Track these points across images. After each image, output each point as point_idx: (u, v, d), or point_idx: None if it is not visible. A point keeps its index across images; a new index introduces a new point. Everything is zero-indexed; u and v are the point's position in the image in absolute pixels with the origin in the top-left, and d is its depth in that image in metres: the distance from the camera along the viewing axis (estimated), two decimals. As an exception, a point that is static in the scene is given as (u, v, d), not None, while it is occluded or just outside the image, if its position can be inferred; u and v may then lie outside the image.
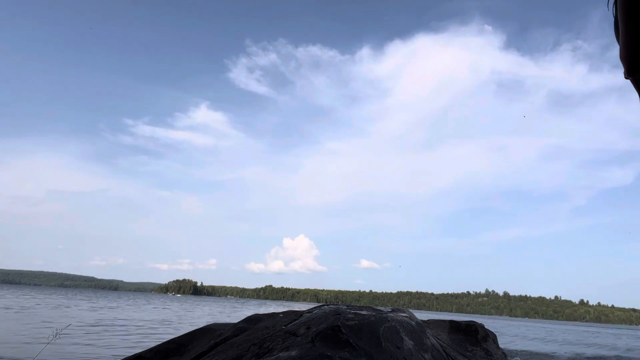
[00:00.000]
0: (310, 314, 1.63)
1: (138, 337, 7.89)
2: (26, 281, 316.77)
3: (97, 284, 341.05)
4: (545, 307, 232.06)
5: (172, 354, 1.88)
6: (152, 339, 7.18)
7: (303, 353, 1.20)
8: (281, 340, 1.41)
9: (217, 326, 2.05)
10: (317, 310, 1.67)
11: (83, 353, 5.83)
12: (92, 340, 6.96)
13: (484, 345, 2.11)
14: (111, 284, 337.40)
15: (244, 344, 1.54)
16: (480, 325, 2.21)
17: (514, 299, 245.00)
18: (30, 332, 8.23)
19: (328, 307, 1.67)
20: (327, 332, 1.33)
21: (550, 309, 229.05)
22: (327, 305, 1.73)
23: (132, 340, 7.31)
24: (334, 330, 1.32)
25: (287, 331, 1.47)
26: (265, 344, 1.42)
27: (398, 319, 1.59)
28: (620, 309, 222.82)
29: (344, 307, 1.64)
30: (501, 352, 2.17)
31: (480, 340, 2.13)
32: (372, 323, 1.44)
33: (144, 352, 1.91)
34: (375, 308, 1.66)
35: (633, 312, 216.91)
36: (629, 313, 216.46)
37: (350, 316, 1.47)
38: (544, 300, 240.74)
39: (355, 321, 1.41)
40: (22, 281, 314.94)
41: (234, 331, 1.81)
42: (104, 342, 6.89)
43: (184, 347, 1.92)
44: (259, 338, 1.52)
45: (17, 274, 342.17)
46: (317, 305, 1.78)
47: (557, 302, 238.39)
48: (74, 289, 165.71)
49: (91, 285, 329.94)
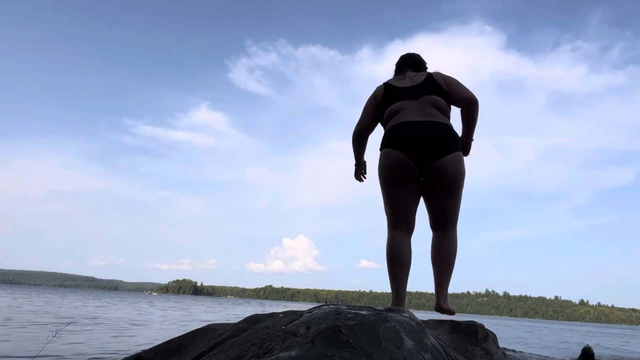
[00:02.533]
0: (310, 314, 1.62)
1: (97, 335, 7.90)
2: (26, 281, 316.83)
3: (97, 284, 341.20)
4: (545, 307, 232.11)
5: (172, 354, 1.88)
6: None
7: (303, 353, 1.20)
8: (281, 340, 1.40)
9: (217, 326, 2.04)
10: (317, 310, 1.66)
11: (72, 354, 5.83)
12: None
13: (484, 345, 2.10)
14: (111, 284, 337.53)
15: (244, 344, 1.53)
16: (480, 325, 2.20)
17: (514, 299, 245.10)
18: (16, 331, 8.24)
19: (328, 307, 1.67)
20: (327, 332, 1.32)
21: (550, 309, 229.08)
22: (327, 305, 1.73)
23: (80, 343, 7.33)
24: (334, 330, 1.32)
25: (287, 331, 1.47)
26: (265, 344, 1.42)
27: (398, 319, 1.59)
28: (620, 309, 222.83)
29: (344, 307, 1.64)
30: (501, 352, 2.17)
31: (480, 340, 2.12)
32: (372, 323, 1.44)
33: (144, 352, 1.91)
34: (375, 308, 1.66)
35: (633, 312, 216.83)
36: (629, 313, 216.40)
37: (350, 316, 1.47)
38: (544, 300, 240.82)
39: (355, 321, 1.41)
40: (22, 281, 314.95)
41: (234, 331, 1.81)
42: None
43: (184, 347, 1.92)
44: (259, 338, 1.51)
45: (17, 274, 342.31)
46: (317, 305, 1.78)
47: (557, 302, 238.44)
48: (74, 289, 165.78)
49: (91, 285, 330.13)
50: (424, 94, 2.43)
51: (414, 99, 2.43)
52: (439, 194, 2.34)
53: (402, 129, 2.34)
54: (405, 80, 2.57)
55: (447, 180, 2.29)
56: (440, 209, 2.38)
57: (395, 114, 2.44)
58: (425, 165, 2.28)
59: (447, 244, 2.38)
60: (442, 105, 2.42)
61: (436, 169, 2.27)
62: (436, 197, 2.36)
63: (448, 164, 2.27)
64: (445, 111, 2.42)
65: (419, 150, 2.27)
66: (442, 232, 2.40)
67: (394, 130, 2.37)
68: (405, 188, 2.34)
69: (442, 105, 2.42)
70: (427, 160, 2.27)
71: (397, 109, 2.44)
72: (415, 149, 2.28)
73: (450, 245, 2.39)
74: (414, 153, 2.28)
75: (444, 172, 2.27)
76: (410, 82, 2.53)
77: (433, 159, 2.27)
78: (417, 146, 2.28)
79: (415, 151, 2.28)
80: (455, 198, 2.36)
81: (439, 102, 2.41)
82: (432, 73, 2.57)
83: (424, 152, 2.27)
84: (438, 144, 2.28)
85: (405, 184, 2.33)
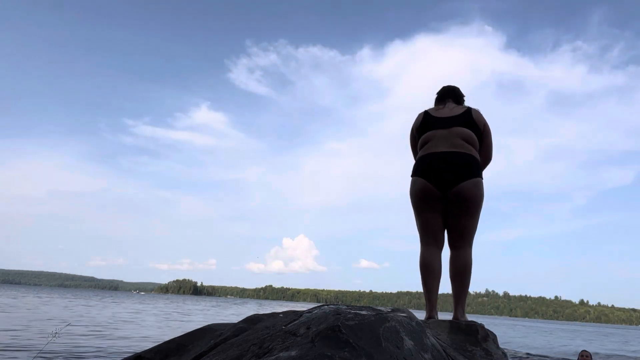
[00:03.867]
0: (310, 314, 1.62)
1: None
2: (26, 281, 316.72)
3: (97, 284, 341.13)
4: (545, 307, 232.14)
5: (172, 354, 1.87)
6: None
7: (303, 353, 1.20)
8: (281, 340, 1.40)
9: (217, 326, 2.04)
10: (317, 310, 1.66)
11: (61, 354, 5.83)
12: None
13: (484, 345, 2.10)
14: (111, 284, 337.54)
15: (244, 344, 1.53)
16: (480, 325, 2.21)
17: (514, 299, 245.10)
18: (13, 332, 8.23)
19: (328, 307, 1.67)
20: (327, 332, 1.32)
21: (550, 309, 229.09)
22: (327, 305, 1.73)
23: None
24: (334, 330, 1.32)
25: (287, 331, 1.46)
26: (265, 344, 1.42)
27: (398, 319, 1.58)
28: (620, 309, 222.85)
29: (344, 307, 1.64)
30: (501, 352, 2.17)
31: (480, 340, 2.12)
32: (372, 323, 1.44)
33: (143, 352, 1.90)
34: (375, 308, 1.66)
35: (633, 312, 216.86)
36: (629, 313, 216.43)
37: (350, 316, 1.47)
38: (544, 300, 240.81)
39: (355, 321, 1.41)
40: (22, 281, 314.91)
41: (234, 331, 1.80)
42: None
43: (184, 347, 1.92)
44: (259, 338, 1.51)
45: (17, 274, 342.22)
46: (317, 305, 1.78)
47: (557, 302, 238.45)
48: (74, 289, 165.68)
49: (91, 285, 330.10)
50: (455, 125, 2.68)
51: (445, 129, 2.69)
52: (457, 214, 2.59)
53: (428, 159, 2.63)
54: (444, 110, 2.82)
55: (465, 202, 2.54)
56: (457, 229, 2.61)
57: (426, 142, 2.73)
58: (447, 189, 2.56)
59: (463, 262, 2.60)
60: (471, 137, 2.66)
61: (456, 192, 2.54)
62: (454, 217, 2.60)
63: (467, 187, 2.53)
64: (473, 143, 2.67)
65: (441, 177, 2.56)
66: (458, 250, 2.63)
67: (421, 160, 2.68)
68: (431, 210, 2.63)
69: (470, 137, 2.66)
70: (449, 184, 2.55)
71: (428, 138, 2.73)
72: (438, 177, 2.56)
73: (466, 263, 2.60)
74: (438, 180, 2.56)
75: (462, 195, 2.53)
76: (449, 112, 2.78)
77: (454, 184, 2.54)
78: (440, 174, 2.56)
79: (439, 178, 2.56)
80: (472, 219, 2.60)
81: (468, 135, 2.66)
82: (472, 109, 2.79)
83: (446, 178, 2.55)
84: (459, 172, 2.54)
85: (430, 206, 2.63)
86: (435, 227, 2.65)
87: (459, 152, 2.59)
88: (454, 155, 2.58)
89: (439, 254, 2.68)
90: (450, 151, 2.60)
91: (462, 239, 2.61)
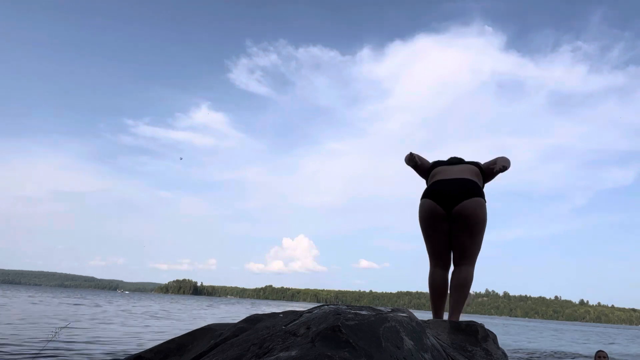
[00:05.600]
0: (310, 314, 1.62)
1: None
2: (26, 281, 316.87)
3: (97, 284, 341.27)
4: (545, 307, 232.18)
5: (172, 354, 1.87)
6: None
7: (303, 353, 1.20)
8: (281, 340, 1.40)
9: (217, 326, 2.04)
10: (317, 310, 1.66)
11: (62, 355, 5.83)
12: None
13: (484, 345, 2.10)
14: (111, 284, 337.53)
15: (244, 344, 1.53)
16: (480, 325, 2.21)
17: (514, 299, 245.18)
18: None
19: (328, 307, 1.67)
20: (327, 332, 1.32)
21: (550, 309, 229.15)
22: (327, 305, 1.72)
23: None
24: (334, 330, 1.32)
25: (287, 331, 1.46)
26: (265, 344, 1.42)
27: (398, 319, 1.58)
28: (620, 309, 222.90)
29: (344, 307, 1.64)
30: (501, 352, 2.17)
31: (480, 340, 2.12)
32: (372, 323, 1.44)
33: (143, 352, 1.90)
34: (375, 308, 1.66)
35: (633, 312, 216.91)
36: (629, 313, 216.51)
37: (350, 316, 1.47)
38: (544, 300, 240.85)
39: (355, 321, 1.41)
40: (22, 281, 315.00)
41: (234, 331, 1.80)
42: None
43: (184, 347, 1.92)
44: (259, 338, 1.51)
45: (17, 274, 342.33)
46: (317, 305, 1.78)
47: (557, 302, 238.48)
48: (74, 289, 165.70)
49: (91, 285, 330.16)
50: (463, 163, 2.94)
51: (453, 165, 2.94)
52: (459, 233, 2.68)
53: (436, 185, 2.80)
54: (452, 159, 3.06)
55: (467, 220, 2.64)
56: (460, 247, 2.70)
57: (435, 175, 2.92)
58: (451, 208, 2.67)
59: (464, 277, 2.69)
60: (477, 172, 2.87)
61: (459, 210, 2.65)
62: (457, 235, 2.70)
63: (469, 205, 2.64)
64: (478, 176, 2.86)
65: (446, 196, 2.68)
66: (460, 267, 2.72)
67: (430, 186, 2.85)
68: (437, 230, 2.75)
69: (476, 172, 2.87)
70: (453, 202, 2.66)
71: (437, 172, 2.93)
72: (443, 197, 2.69)
73: (467, 278, 2.69)
74: (442, 199, 2.69)
75: (464, 212, 2.63)
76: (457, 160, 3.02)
77: (457, 201, 2.65)
78: (445, 194, 2.69)
79: (443, 198, 2.69)
80: (474, 238, 2.68)
81: (474, 170, 2.86)
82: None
83: (450, 196, 2.67)
84: (463, 191, 2.68)
85: (436, 227, 2.74)
86: (441, 247, 2.77)
87: (465, 178, 2.75)
88: (460, 180, 2.74)
89: (446, 274, 2.80)
90: (457, 178, 2.77)
91: (465, 257, 2.69)
